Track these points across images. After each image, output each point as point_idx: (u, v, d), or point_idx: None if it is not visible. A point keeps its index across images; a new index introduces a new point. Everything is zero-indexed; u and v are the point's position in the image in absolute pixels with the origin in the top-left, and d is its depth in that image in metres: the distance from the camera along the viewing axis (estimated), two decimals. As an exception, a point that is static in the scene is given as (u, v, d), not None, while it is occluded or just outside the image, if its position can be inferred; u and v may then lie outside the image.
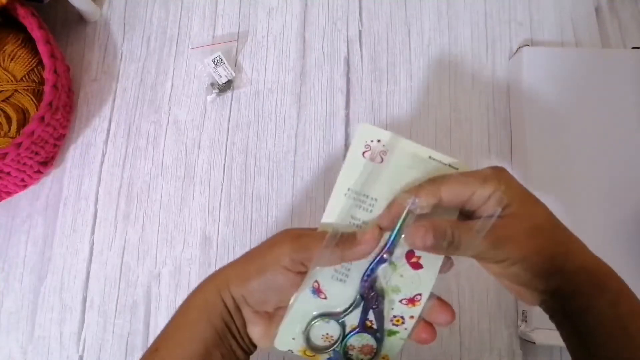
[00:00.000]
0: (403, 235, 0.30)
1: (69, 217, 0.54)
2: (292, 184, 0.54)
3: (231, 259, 0.52)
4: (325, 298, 0.32)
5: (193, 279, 0.52)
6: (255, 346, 0.34)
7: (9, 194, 0.53)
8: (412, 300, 0.32)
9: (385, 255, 0.30)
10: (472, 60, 0.58)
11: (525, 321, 0.48)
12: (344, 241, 0.30)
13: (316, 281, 0.31)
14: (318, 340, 0.33)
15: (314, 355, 0.33)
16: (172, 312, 0.52)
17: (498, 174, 0.30)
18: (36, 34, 0.50)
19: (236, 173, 0.55)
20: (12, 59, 0.51)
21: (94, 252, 0.53)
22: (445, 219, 0.30)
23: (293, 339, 0.33)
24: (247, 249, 0.52)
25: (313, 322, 0.32)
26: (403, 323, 0.33)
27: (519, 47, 0.55)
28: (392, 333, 0.33)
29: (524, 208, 0.29)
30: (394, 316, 0.32)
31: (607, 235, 0.48)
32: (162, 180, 0.55)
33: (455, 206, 0.30)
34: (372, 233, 0.29)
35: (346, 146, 0.55)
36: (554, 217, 0.30)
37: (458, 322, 0.50)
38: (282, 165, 0.55)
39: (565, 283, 0.29)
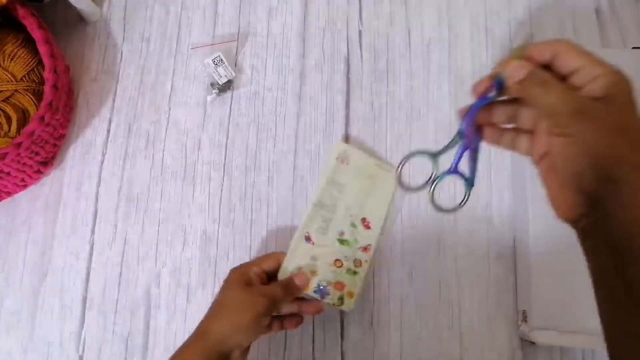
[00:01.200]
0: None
1: (69, 217, 0.54)
2: (292, 184, 0.54)
3: (231, 258, 0.53)
4: (314, 243, 0.50)
5: (193, 279, 0.52)
6: None
7: (9, 194, 0.53)
8: (365, 249, 0.51)
9: (491, 95, 0.32)
10: (472, 60, 0.58)
11: (525, 321, 0.48)
12: (288, 289, 0.46)
13: (307, 232, 0.50)
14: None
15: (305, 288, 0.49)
16: (172, 312, 0.52)
17: (618, 71, 0.28)
18: (36, 34, 0.50)
19: (236, 173, 0.55)
20: (12, 59, 0.51)
21: (94, 252, 0.53)
22: (543, 70, 0.29)
23: (292, 272, 0.48)
24: (247, 249, 0.53)
25: (410, 157, 0.35)
26: (361, 265, 0.50)
27: (519, 47, 0.55)
28: (354, 273, 0.50)
29: (626, 110, 0.28)
30: (356, 259, 0.50)
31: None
32: (162, 180, 0.55)
33: (560, 70, 0.29)
34: (300, 279, 0.47)
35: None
36: None
37: (458, 322, 0.51)
38: (282, 165, 0.55)
39: (622, 195, 0.26)
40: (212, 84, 0.57)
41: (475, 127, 0.33)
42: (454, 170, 0.33)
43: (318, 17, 0.59)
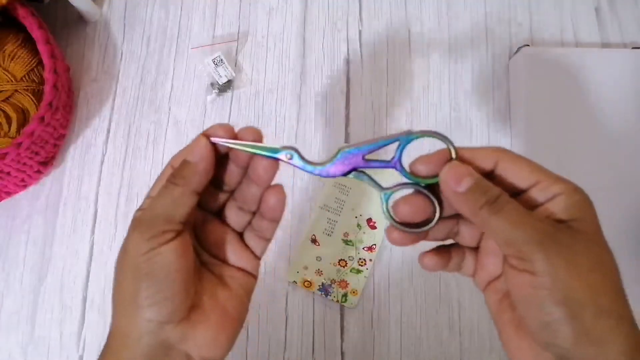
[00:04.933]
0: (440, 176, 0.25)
1: (69, 217, 0.54)
2: (292, 184, 0.54)
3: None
4: (319, 245, 0.51)
5: (193, 279, 0.52)
6: None
7: (9, 194, 0.53)
8: (370, 249, 0.51)
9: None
10: (472, 60, 0.58)
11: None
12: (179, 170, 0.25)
13: (313, 234, 0.51)
14: None
15: (310, 286, 0.50)
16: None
17: (580, 189, 0.23)
18: (36, 34, 0.50)
19: (236, 173, 0.55)
20: (12, 59, 0.51)
21: (94, 252, 0.53)
22: (493, 185, 0.23)
23: (297, 272, 0.50)
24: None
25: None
26: (366, 264, 0.51)
27: (519, 47, 0.55)
28: (359, 272, 0.50)
29: (596, 238, 0.22)
30: (360, 259, 0.50)
31: (608, 234, 0.48)
32: (162, 180, 0.55)
33: (506, 185, 0.23)
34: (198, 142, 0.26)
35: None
36: (620, 278, 0.22)
37: (458, 323, 0.51)
38: (282, 165, 0.55)
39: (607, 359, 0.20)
40: (212, 84, 0.57)
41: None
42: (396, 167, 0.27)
43: (318, 17, 0.59)
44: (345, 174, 0.27)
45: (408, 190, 0.26)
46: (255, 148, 0.27)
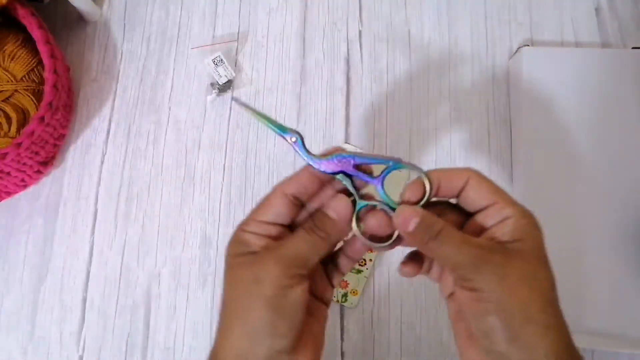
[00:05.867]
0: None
1: (69, 217, 0.54)
2: (292, 184, 0.54)
3: (231, 259, 0.52)
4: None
5: (193, 279, 0.52)
6: None
7: (9, 194, 0.53)
8: (370, 249, 0.43)
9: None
10: (472, 60, 0.58)
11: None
12: (318, 232, 0.28)
13: None
14: None
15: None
16: (172, 312, 0.52)
17: (529, 214, 0.26)
18: (36, 34, 0.50)
19: (236, 173, 0.55)
20: (12, 59, 0.51)
21: (94, 252, 0.53)
22: (437, 218, 0.27)
23: None
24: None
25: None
26: (366, 264, 0.50)
27: (519, 47, 0.55)
28: (359, 272, 0.50)
29: (535, 258, 0.26)
30: (360, 259, 0.48)
31: (607, 236, 0.48)
32: (162, 180, 0.55)
33: (471, 201, 0.27)
34: (341, 203, 0.29)
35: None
36: (554, 291, 0.26)
37: (458, 322, 0.51)
38: (282, 165, 0.55)
39: None
40: (212, 84, 0.57)
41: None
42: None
43: (318, 17, 0.59)
44: (334, 174, 0.29)
45: (382, 206, 0.29)
46: (269, 121, 0.30)
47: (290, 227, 0.30)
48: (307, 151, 0.30)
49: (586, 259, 0.47)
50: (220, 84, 0.56)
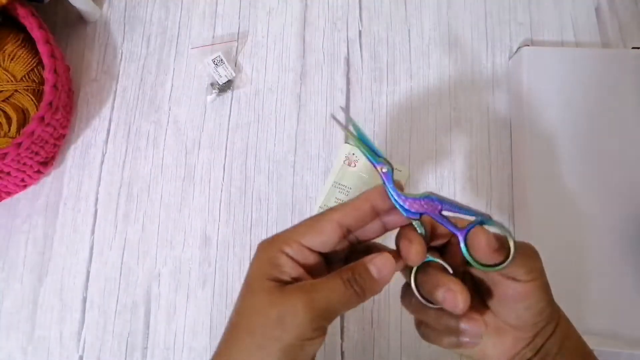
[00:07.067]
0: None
1: (69, 217, 0.54)
2: (292, 184, 0.54)
3: (231, 259, 0.53)
4: None
5: (193, 279, 0.52)
6: None
7: (9, 194, 0.53)
8: None
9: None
10: (472, 60, 0.58)
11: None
12: (357, 285, 0.27)
13: None
14: None
15: None
16: (172, 312, 0.52)
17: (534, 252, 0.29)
18: (36, 34, 0.50)
19: (236, 173, 0.55)
20: (12, 59, 0.51)
21: (94, 252, 0.53)
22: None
23: None
24: (247, 248, 0.53)
25: None
26: None
27: (519, 47, 0.55)
28: None
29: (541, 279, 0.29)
30: None
31: (608, 236, 0.48)
32: (162, 180, 0.55)
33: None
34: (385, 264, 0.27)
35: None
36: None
37: (458, 322, 0.50)
38: (282, 165, 0.55)
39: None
40: (212, 84, 0.57)
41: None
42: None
43: (318, 17, 0.59)
44: (418, 214, 0.28)
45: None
46: (364, 147, 0.29)
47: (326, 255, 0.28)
48: (394, 182, 0.28)
49: (586, 259, 0.47)
50: (220, 84, 0.56)
